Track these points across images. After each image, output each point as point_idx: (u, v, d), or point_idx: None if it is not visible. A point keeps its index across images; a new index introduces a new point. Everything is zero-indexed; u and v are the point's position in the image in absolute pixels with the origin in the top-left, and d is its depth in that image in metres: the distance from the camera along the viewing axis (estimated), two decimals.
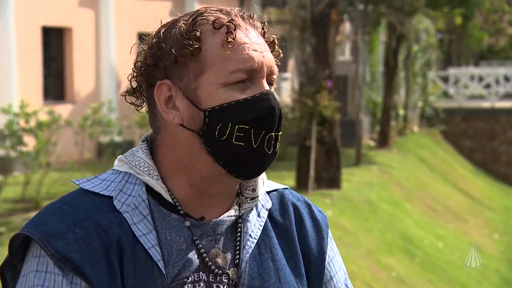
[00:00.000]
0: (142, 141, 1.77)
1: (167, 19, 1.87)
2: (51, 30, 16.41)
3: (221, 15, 1.73)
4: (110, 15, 17.16)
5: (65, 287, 1.64)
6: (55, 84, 16.82)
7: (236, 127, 1.67)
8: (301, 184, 13.09)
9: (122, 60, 17.66)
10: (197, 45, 1.69)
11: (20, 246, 1.71)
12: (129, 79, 1.77)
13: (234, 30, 1.70)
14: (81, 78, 16.88)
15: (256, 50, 1.71)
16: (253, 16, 1.77)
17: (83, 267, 1.63)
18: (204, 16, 1.73)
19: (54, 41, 16.69)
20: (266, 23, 1.79)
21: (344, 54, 25.40)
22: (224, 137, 1.67)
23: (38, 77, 15.85)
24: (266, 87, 1.71)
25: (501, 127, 25.33)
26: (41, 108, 12.21)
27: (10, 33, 14.74)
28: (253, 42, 1.72)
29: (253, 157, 1.69)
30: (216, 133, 1.68)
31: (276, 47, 1.79)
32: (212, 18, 1.72)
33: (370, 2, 19.69)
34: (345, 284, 1.88)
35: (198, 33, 1.70)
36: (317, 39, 13.13)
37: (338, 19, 14.43)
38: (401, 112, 23.84)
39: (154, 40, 1.74)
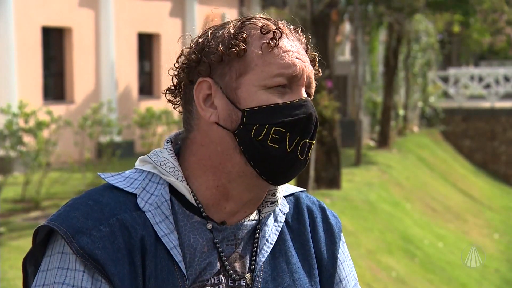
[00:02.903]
0: (166, 142, 1.79)
1: (167, 19, 1.88)
2: (51, 30, 16.41)
3: (269, 23, 1.77)
4: (110, 15, 17.15)
5: (86, 283, 1.65)
6: (55, 84, 16.81)
7: (273, 129, 1.69)
8: (301, 184, 13.07)
9: (122, 60, 17.66)
10: (243, 46, 1.72)
11: (44, 239, 1.72)
12: (172, 75, 1.80)
13: (280, 37, 1.74)
14: (81, 78, 16.88)
15: (299, 59, 1.75)
16: (298, 30, 1.81)
17: (106, 265, 1.64)
18: (253, 21, 1.77)
19: (54, 41, 16.68)
20: (308, 37, 1.83)
21: (344, 54, 25.40)
22: (260, 138, 1.69)
23: (38, 77, 15.84)
24: (304, 95, 1.74)
25: (501, 127, 25.34)
26: (40, 108, 12.20)
27: (10, 33, 14.74)
28: (296, 51, 1.76)
29: (285, 161, 1.70)
30: (252, 133, 1.69)
31: (317, 64, 1.83)
32: (260, 24, 1.76)
33: (370, 2, 19.69)
34: None
35: (245, 35, 1.73)
36: (317, 39, 13.12)
37: (338, 19, 14.43)
38: (401, 112, 23.85)
39: (201, 39, 1.77)
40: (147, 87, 18.91)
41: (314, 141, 1.74)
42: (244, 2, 21.44)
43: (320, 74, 1.83)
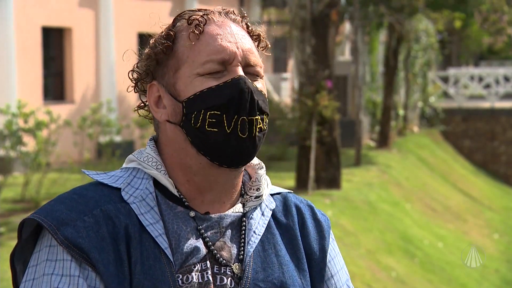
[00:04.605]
0: (150, 140, 1.84)
1: (167, 19, 1.90)
2: (51, 30, 16.41)
3: (198, 13, 1.79)
4: (110, 15, 17.15)
5: (74, 271, 1.68)
6: (55, 84, 16.81)
7: (208, 114, 1.72)
8: (301, 184, 13.08)
9: (122, 60, 17.64)
10: (168, 43, 1.76)
11: (31, 236, 1.75)
12: (130, 90, 1.87)
13: (205, 24, 1.76)
14: (81, 78, 16.88)
15: (229, 41, 1.76)
16: (232, 11, 1.82)
17: (91, 253, 1.67)
18: (182, 15, 1.80)
19: (54, 41, 16.68)
20: (246, 15, 1.84)
21: (344, 54, 25.40)
22: (198, 125, 1.72)
23: (38, 77, 15.84)
24: (239, 73, 1.74)
25: (501, 127, 25.33)
26: (38, 108, 12.19)
27: (10, 33, 14.74)
28: (227, 32, 1.76)
29: (229, 142, 1.72)
30: (192, 121, 1.73)
31: (263, 39, 1.83)
32: (187, 16, 1.79)
33: (370, 2, 19.69)
34: (347, 285, 1.92)
35: (172, 32, 1.77)
36: (317, 39, 13.12)
37: (338, 19, 14.42)
38: (401, 112, 23.84)
39: (147, 50, 1.83)
40: None
41: (257, 117, 1.74)
42: (244, 2, 21.42)
43: (269, 46, 1.85)
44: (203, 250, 1.73)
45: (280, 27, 21.39)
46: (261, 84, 1.78)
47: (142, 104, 1.85)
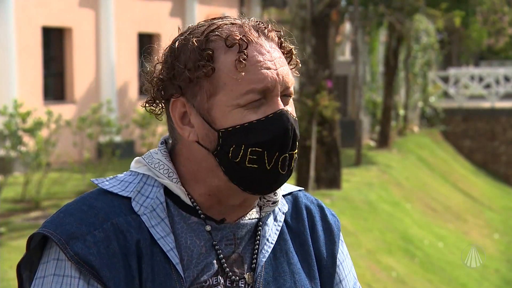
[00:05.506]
0: (160, 143, 1.77)
1: (167, 19, 1.87)
2: (51, 30, 16.41)
3: (234, 30, 1.68)
4: (110, 15, 17.15)
5: None
6: (55, 84, 16.81)
7: (249, 150, 1.66)
8: (301, 184, 13.06)
9: (122, 60, 17.65)
10: (210, 65, 1.66)
11: (39, 244, 1.71)
12: (145, 90, 1.76)
13: (246, 48, 1.66)
14: (81, 78, 16.88)
15: (269, 68, 1.67)
16: (268, 26, 1.73)
17: (101, 271, 1.63)
18: (216, 32, 1.68)
19: (54, 41, 16.68)
20: (282, 31, 1.76)
21: (344, 54, 25.41)
22: (238, 160, 1.66)
23: (38, 77, 15.84)
24: (280, 105, 1.68)
25: (501, 127, 25.34)
26: (35, 109, 12.19)
27: (10, 33, 14.74)
28: (267, 59, 1.68)
29: (267, 177, 1.68)
30: (230, 155, 1.66)
31: (294, 57, 1.76)
32: (224, 34, 1.68)
33: (370, 2, 19.70)
34: None
35: (210, 52, 1.66)
36: (317, 39, 13.12)
37: (338, 19, 14.42)
38: (401, 112, 23.85)
39: (168, 53, 1.72)
40: None
41: (296, 151, 1.69)
42: (244, 2, 21.42)
43: (300, 65, 1.77)
44: (215, 266, 1.70)
45: (280, 27, 21.39)
46: (292, 106, 1.72)
47: (151, 100, 1.74)
